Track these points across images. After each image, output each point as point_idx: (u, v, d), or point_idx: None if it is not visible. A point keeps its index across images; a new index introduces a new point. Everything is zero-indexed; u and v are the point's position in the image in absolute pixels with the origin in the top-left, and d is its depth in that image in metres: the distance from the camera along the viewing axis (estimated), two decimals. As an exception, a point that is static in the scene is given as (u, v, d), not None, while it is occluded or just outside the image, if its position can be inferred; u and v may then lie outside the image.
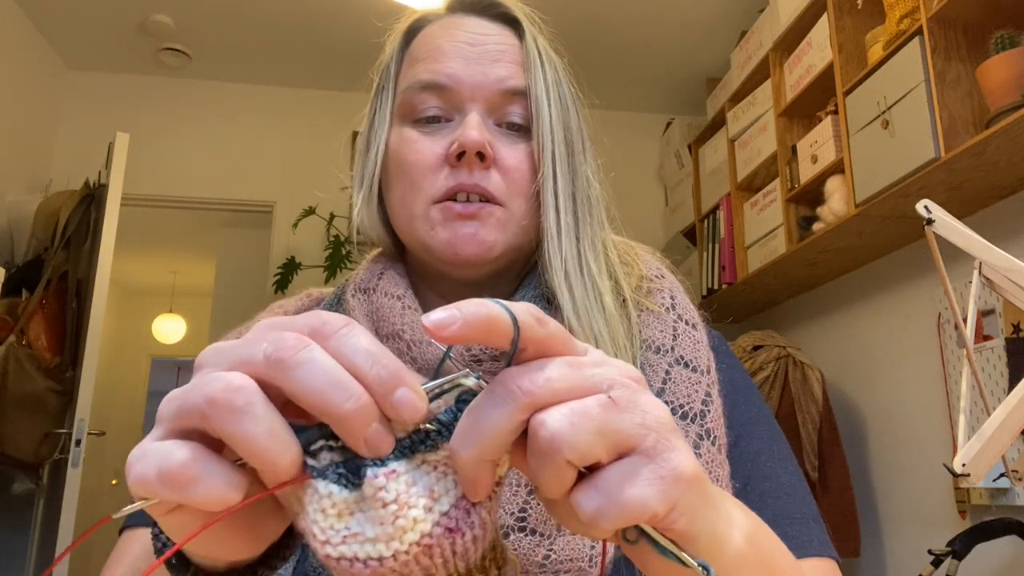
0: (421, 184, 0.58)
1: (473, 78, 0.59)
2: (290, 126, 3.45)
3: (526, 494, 0.48)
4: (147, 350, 6.38)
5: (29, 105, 3.06)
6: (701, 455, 0.52)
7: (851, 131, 2.06)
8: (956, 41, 1.80)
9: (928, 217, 0.97)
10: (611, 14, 2.93)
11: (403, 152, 0.59)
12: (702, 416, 0.54)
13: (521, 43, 0.62)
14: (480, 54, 0.59)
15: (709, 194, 3.06)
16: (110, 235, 2.64)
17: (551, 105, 0.60)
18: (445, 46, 0.60)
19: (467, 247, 0.56)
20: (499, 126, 0.60)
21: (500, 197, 0.58)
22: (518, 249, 0.60)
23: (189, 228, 4.79)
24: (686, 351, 0.57)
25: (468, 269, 0.58)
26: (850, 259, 2.42)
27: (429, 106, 0.59)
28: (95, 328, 2.57)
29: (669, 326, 0.59)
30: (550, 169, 0.60)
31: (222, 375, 0.28)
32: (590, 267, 0.59)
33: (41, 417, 2.51)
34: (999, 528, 1.75)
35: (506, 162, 0.58)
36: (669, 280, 0.64)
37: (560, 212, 0.59)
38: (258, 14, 2.97)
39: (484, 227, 0.57)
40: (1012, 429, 0.87)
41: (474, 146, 0.56)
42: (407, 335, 0.54)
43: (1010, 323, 1.82)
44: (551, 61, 0.62)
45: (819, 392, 2.33)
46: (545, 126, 0.60)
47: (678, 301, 0.61)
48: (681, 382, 0.55)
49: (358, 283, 0.60)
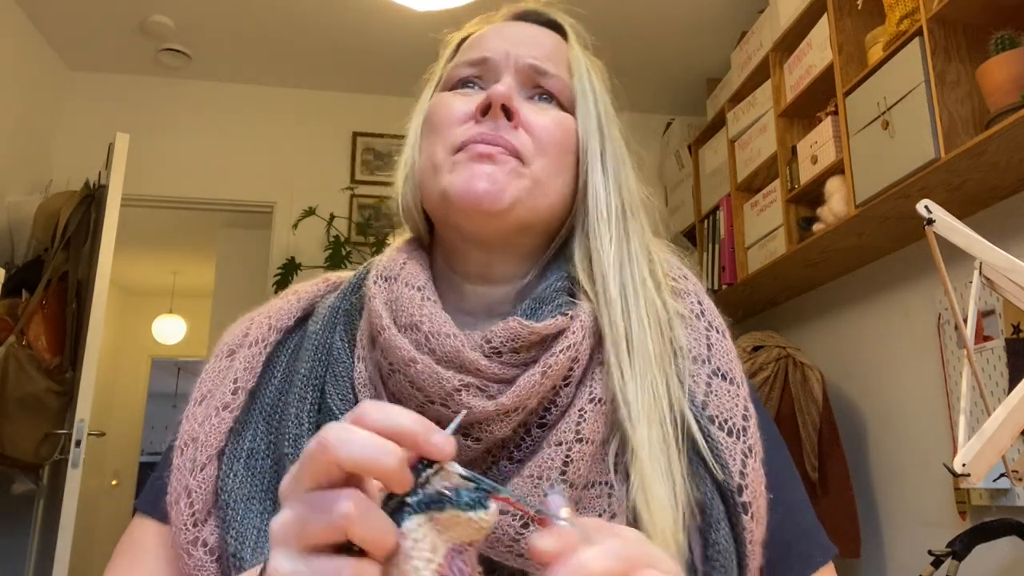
0: (445, 135, 0.58)
1: (510, 52, 0.61)
2: (290, 126, 3.45)
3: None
4: (147, 350, 6.38)
5: (29, 105, 3.06)
6: (747, 473, 0.52)
7: (851, 131, 2.06)
8: (956, 42, 1.80)
9: (928, 217, 0.97)
10: (611, 15, 2.93)
11: (435, 111, 0.61)
12: (744, 432, 0.54)
13: (564, 44, 0.64)
14: (519, 39, 0.62)
15: (709, 195, 3.06)
16: (110, 235, 2.64)
17: (596, 93, 0.62)
18: (489, 35, 0.63)
19: (480, 183, 0.54)
20: (531, 99, 0.61)
21: (523, 153, 0.57)
22: (534, 215, 0.58)
23: (189, 228, 4.79)
24: (721, 362, 0.57)
25: (480, 218, 0.56)
26: (850, 259, 2.42)
27: (467, 74, 0.62)
28: (95, 328, 2.57)
29: (702, 334, 0.58)
30: (598, 145, 0.60)
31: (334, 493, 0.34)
32: (638, 259, 0.58)
33: (41, 418, 2.51)
34: (999, 529, 1.75)
35: (533, 123, 0.58)
36: (693, 282, 0.63)
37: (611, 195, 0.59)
38: (258, 14, 2.97)
39: (500, 170, 0.56)
40: (1012, 429, 0.87)
41: (500, 98, 0.56)
42: (425, 326, 0.53)
43: (1010, 323, 1.82)
44: (596, 65, 0.65)
45: (819, 392, 2.33)
46: (590, 108, 0.61)
47: (706, 307, 0.61)
48: (722, 395, 0.55)
49: (381, 270, 0.60)
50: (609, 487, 0.51)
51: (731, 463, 0.52)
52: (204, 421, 0.55)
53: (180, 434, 0.56)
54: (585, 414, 0.51)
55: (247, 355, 0.59)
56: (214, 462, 0.53)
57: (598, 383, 0.53)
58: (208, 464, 0.53)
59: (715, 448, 0.53)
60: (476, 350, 0.52)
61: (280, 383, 0.58)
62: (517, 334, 0.52)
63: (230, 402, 0.56)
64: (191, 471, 0.53)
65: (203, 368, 0.61)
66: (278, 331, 0.61)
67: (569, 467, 0.49)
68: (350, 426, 0.34)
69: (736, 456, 0.53)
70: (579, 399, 0.53)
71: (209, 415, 0.55)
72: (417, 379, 0.51)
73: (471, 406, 0.50)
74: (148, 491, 0.59)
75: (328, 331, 0.60)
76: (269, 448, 0.55)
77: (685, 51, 3.18)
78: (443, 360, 0.52)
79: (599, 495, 0.51)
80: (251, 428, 0.56)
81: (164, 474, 0.56)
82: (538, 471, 0.49)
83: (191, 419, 0.56)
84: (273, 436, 0.55)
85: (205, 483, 0.52)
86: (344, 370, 0.57)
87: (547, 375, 0.51)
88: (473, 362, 0.51)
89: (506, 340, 0.52)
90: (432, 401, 0.51)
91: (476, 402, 0.50)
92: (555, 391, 0.53)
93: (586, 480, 0.51)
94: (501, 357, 0.52)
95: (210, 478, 0.53)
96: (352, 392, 0.55)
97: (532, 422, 0.53)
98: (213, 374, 0.59)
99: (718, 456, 0.52)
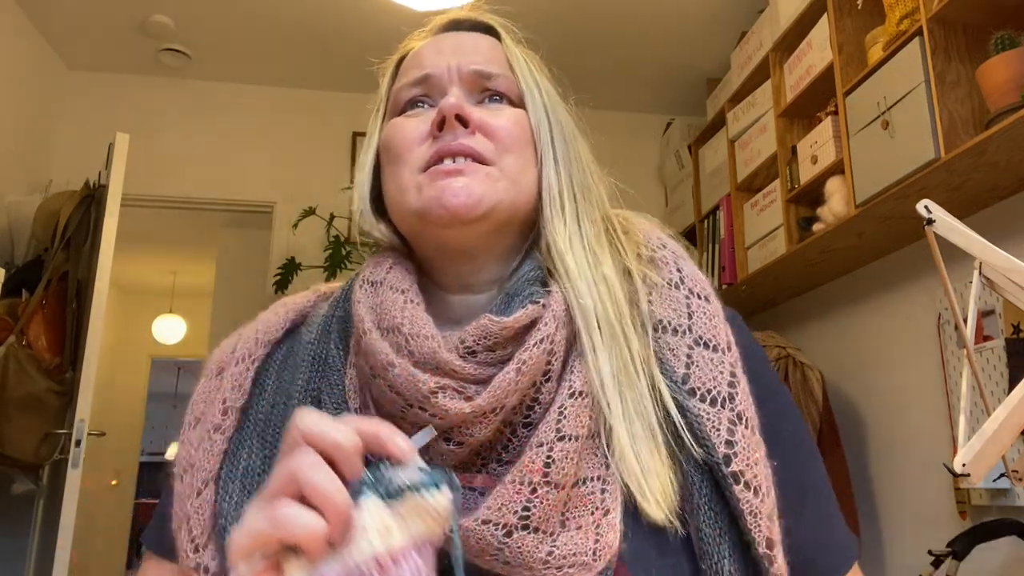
0: (407, 157, 0.58)
1: (450, 62, 0.61)
2: (290, 126, 3.45)
3: (529, 492, 0.47)
4: (147, 350, 6.38)
5: (29, 105, 3.06)
6: (736, 441, 0.51)
7: (851, 131, 2.06)
8: (956, 41, 1.80)
9: (928, 217, 0.97)
10: (611, 15, 2.93)
11: (391, 138, 0.61)
12: (731, 399, 0.52)
13: (499, 44, 0.65)
14: (455, 50, 0.62)
15: (709, 194, 3.06)
16: (110, 235, 2.64)
17: (539, 84, 0.63)
18: (426, 52, 0.63)
19: (454, 198, 0.54)
20: (479, 104, 0.61)
21: (488, 156, 0.57)
22: (512, 212, 0.58)
23: (189, 228, 4.79)
24: (703, 329, 0.55)
25: (459, 228, 0.56)
26: (850, 259, 2.42)
27: (413, 95, 0.62)
28: (95, 328, 2.57)
29: (682, 303, 0.57)
30: (547, 135, 0.60)
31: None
32: (589, 238, 0.58)
33: (41, 418, 2.51)
34: (999, 528, 1.75)
35: (490, 125, 0.59)
36: (672, 250, 0.61)
37: (562, 181, 0.60)
38: (258, 14, 2.97)
39: (472, 180, 0.56)
40: (1012, 429, 0.87)
41: (452, 109, 0.57)
42: (406, 328, 0.53)
43: (1010, 323, 1.82)
44: (533, 58, 0.65)
45: (819, 392, 2.33)
46: (536, 98, 0.62)
47: (686, 273, 0.59)
48: (704, 365, 0.54)
49: (367, 275, 0.60)
50: (603, 482, 0.50)
51: (713, 435, 0.51)
52: (199, 445, 0.55)
53: (178, 460, 0.56)
54: (565, 410, 0.50)
55: (234, 372, 0.59)
56: (211, 486, 0.53)
57: (577, 375, 0.52)
58: (205, 489, 0.53)
59: (695, 423, 0.51)
60: (452, 351, 0.51)
61: (271, 397, 0.58)
62: (488, 331, 0.51)
63: (221, 423, 0.56)
64: (189, 497, 0.53)
65: (194, 389, 0.61)
66: (266, 344, 0.61)
67: (552, 468, 0.48)
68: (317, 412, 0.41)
69: (721, 425, 0.51)
70: (559, 395, 0.51)
71: (203, 439, 0.56)
72: (395, 383, 0.51)
73: (447, 408, 0.49)
74: (153, 526, 0.60)
75: (323, 340, 0.59)
76: (265, 464, 0.54)
77: (685, 51, 3.18)
78: (420, 362, 0.51)
79: (591, 491, 0.49)
80: (245, 447, 0.55)
81: (167, 506, 0.56)
82: (520, 475, 0.48)
83: (187, 444, 0.57)
84: (268, 452, 0.55)
85: (203, 508, 0.52)
86: (338, 378, 0.56)
87: (522, 372, 0.50)
88: (448, 363, 0.50)
89: (479, 338, 0.51)
90: (411, 405, 0.50)
91: (452, 404, 0.49)
92: (536, 388, 0.52)
93: (576, 478, 0.49)
94: (476, 357, 0.51)
95: (208, 502, 0.53)
96: (345, 400, 0.55)
97: (517, 422, 0.52)
98: (204, 394, 0.59)
99: (697, 432, 0.51)
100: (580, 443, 0.50)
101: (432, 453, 0.51)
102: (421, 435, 0.46)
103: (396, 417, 0.52)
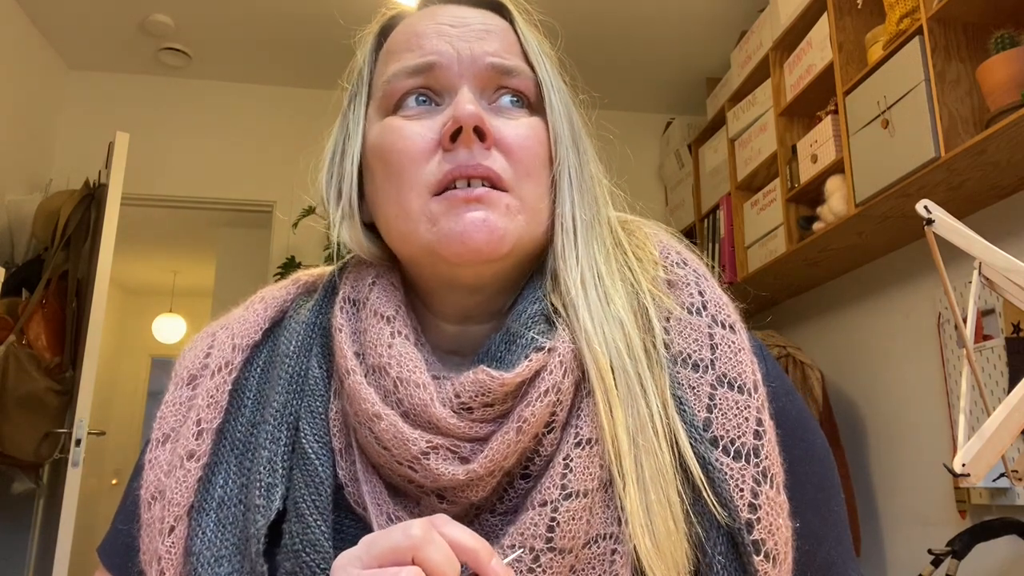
0: (413, 175, 0.49)
1: (460, 49, 0.52)
2: (290, 126, 3.45)
3: (531, 560, 0.42)
4: (147, 350, 6.38)
5: (29, 105, 3.06)
6: (760, 504, 0.45)
7: (851, 131, 2.06)
8: (956, 41, 1.80)
9: (928, 217, 0.97)
10: (611, 14, 2.93)
11: (388, 143, 0.51)
12: (755, 453, 0.46)
13: (511, 26, 0.55)
14: (463, 33, 0.52)
15: (709, 194, 3.06)
16: (110, 235, 2.64)
17: (554, 87, 0.54)
18: (424, 30, 0.53)
19: (478, 234, 0.47)
20: (493, 105, 0.52)
21: (507, 181, 0.49)
22: (531, 248, 0.51)
23: (189, 228, 4.79)
24: (728, 365, 0.49)
25: (477, 267, 0.49)
26: (850, 259, 2.42)
27: (416, 87, 0.52)
28: (95, 328, 2.57)
29: (704, 333, 0.50)
30: (565, 151, 0.52)
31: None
32: (600, 271, 0.51)
33: (41, 417, 2.51)
34: (999, 528, 1.75)
35: (508, 140, 0.50)
36: (693, 268, 0.55)
37: (576, 206, 0.52)
38: (258, 14, 2.97)
39: (494, 212, 0.48)
40: (1012, 429, 0.87)
41: (471, 119, 0.48)
42: (393, 372, 0.47)
43: (1010, 323, 1.82)
44: (543, 42, 0.56)
45: (819, 392, 2.34)
46: (556, 105, 0.53)
47: (708, 298, 0.53)
48: (728, 409, 0.47)
49: (347, 292, 0.53)
50: (615, 541, 0.44)
51: (737, 495, 0.45)
52: (170, 472, 0.49)
53: (145, 483, 0.50)
54: (571, 462, 0.44)
55: (209, 387, 0.52)
56: (183, 521, 0.47)
57: (585, 420, 0.46)
58: (177, 525, 0.47)
59: (717, 480, 0.46)
60: (446, 405, 0.46)
61: (251, 414, 0.52)
62: (486, 387, 0.45)
63: (195, 449, 0.49)
64: (160, 533, 0.47)
65: (162, 399, 0.54)
66: (243, 350, 0.54)
67: (556, 531, 0.42)
68: (433, 530, 0.38)
69: (745, 484, 0.45)
70: (564, 444, 0.46)
71: (175, 465, 0.49)
72: (382, 437, 0.45)
73: (440, 472, 0.44)
74: (110, 541, 0.55)
75: (303, 354, 0.52)
76: (241, 492, 0.48)
77: (685, 50, 3.18)
78: (410, 414, 0.46)
79: (601, 553, 0.44)
80: (222, 472, 0.49)
81: (127, 525, 0.51)
82: (520, 539, 0.43)
83: (155, 466, 0.50)
84: (246, 479, 0.49)
85: (175, 546, 0.47)
86: (321, 405, 0.50)
87: (523, 431, 0.45)
88: (442, 420, 0.45)
89: (475, 395, 0.46)
90: (399, 463, 0.45)
91: (445, 468, 0.44)
92: (537, 439, 0.46)
93: (586, 537, 0.44)
94: (472, 413, 0.46)
95: (180, 539, 0.47)
96: (327, 434, 0.49)
97: (516, 473, 0.47)
98: (174, 407, 0.52)
99: (720, 490, 0.45)
100: (590, 499, 0.44)
101: (422, 509, 0.46)
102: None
103: (383, 467, 0.47)
